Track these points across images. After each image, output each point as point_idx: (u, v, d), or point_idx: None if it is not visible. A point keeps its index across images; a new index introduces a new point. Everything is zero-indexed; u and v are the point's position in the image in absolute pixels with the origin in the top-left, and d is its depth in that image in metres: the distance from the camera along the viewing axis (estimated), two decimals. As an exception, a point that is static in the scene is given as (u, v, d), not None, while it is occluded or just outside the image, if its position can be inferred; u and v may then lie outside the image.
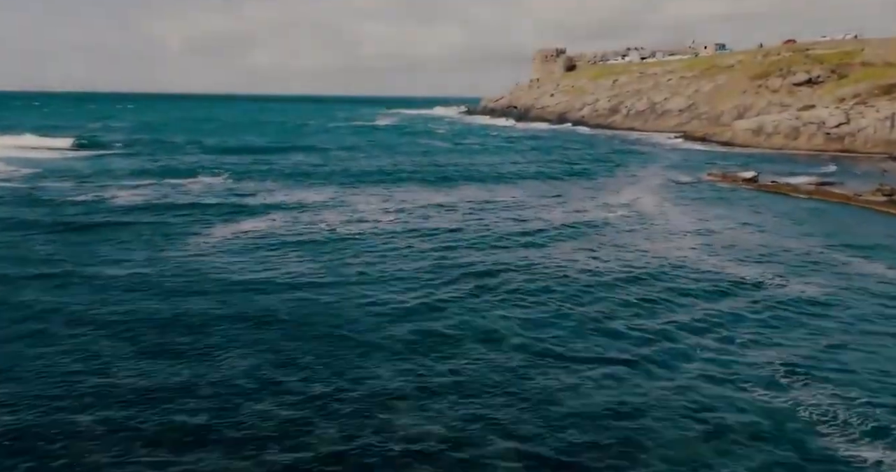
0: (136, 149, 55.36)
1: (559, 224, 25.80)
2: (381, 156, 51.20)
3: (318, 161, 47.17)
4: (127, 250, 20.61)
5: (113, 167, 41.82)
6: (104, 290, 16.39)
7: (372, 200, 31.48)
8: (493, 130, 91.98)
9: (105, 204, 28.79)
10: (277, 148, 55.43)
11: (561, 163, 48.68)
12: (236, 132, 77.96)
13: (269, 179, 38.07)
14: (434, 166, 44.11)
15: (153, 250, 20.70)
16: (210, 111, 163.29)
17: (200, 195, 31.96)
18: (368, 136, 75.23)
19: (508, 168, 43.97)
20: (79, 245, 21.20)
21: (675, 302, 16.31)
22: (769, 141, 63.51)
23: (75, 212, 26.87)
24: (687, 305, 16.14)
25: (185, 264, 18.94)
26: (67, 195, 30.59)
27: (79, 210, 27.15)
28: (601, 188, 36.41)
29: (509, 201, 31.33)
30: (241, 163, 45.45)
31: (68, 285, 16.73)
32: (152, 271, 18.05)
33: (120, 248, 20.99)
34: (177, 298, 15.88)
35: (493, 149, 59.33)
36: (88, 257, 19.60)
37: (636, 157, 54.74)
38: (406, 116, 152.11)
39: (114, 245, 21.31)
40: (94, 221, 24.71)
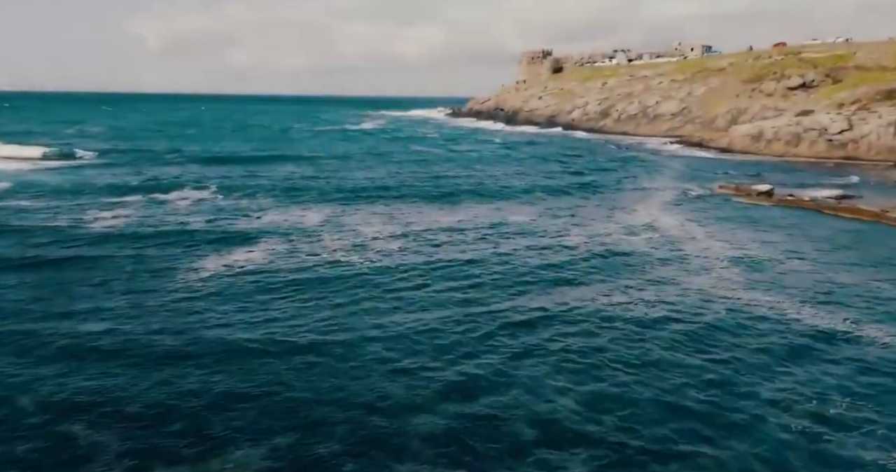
0: (114, 158, 52.13)
1: (584, 253, 23.41)
2: (376, 166, 48.54)
3: (310, 172, 44.38)
4: (106, 295, 17.84)
5: (90, 182, 38.73)
6: (76, 357, 13.67)
7: (373, 221, 28.89)
8: (484, 134, 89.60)
9: (82, 229, 25.88)
10: (265, 157, 52.49)
11: (564, 173, 46.39)
12: (219, 138, 74.69)
13: (259, 195, 35.31)
14: (433, 179, 41.55)
15: (136, 294, 17.96)
16: (190, 113, 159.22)
17: (187, 216, 29.15)
18: (358, 142, 72.39)
19: (512, 181, 41.54)
20: (49, 288, 18.38)
21: (750, 364, 13.95)
22: (769, 147, 61.84)
23: (47, 240, 23.96)
24: (764, 368, 13.79)
25: (174, 315, 16.24)
26: (38, 218, 27.62)
27: (51, 238, 24.23)
28: (615, 204, 34.13)
29: (522, 222, 28.90)
30: (227, 175, 42.55)
31: (31, 351, 13.98)
32: (135, 328, 15.33)
33: (98, 291, 18.21)
34: (165, 368, 13.21)
35: (490, 157, 56.82)
36: (60, 306, 16.83)
37: (639, 165, 52.65)
38: (392, 118, 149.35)
39: (91, 287, 18.52)
40: (67, 255, 21.83)
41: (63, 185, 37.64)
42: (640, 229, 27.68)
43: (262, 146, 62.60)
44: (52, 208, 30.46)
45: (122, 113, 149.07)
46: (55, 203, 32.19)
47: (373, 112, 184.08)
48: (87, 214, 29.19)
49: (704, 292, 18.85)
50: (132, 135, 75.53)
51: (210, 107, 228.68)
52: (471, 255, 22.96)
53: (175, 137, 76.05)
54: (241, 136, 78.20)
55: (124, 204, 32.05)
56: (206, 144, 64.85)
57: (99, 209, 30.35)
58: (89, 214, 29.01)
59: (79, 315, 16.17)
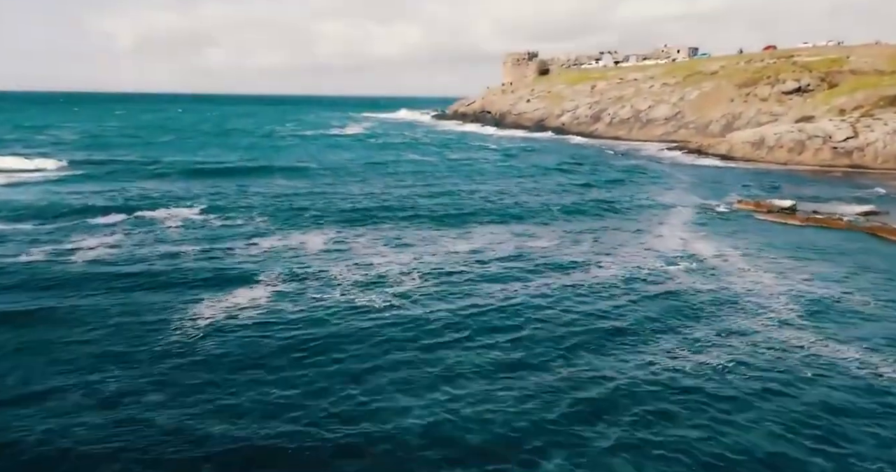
0: (91, 170, 48.61)
1: (628, 291, 20.87)
2: (373, 179, 45.63)
3: (304, 187, 41.38)
4: (91, 364, 14.92)
5: (67, 200, 35.42)
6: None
7: (382, 248, 26.16)
8: (476, 140, 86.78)
9: (60, 265, 22.78)
10: (252, 169, 49.27)
11: (572, 185, 43.91)
12: (200, 145, 71.05)
13: (254, 215, 32.37)
14: (438, 195, 38.79)
15: (121, 361, 15.09)
16: (166, 116, 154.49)
17: (178, 244, 26.17)
18: (349, 150, 69.25)
19: (521, 196, 38.90)
20: (16, 358, 15.41)
21: (870, 456, 11.59)
22: (772, 155, 60.06)
23: (16, 281, 20.88)
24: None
25: (169, 399, 13.38)
26: (8, 250, 24.45)
27: (22, 279, 21.13)
28: (638, 226, 31.69)
29: (546, 250, 26.34)
30: (215, 190, 39.43)
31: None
32: (120, 421, 12.49)
33: (78, 357, 15.28)
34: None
35: (491, 168, 53.84)
36: (29, 384, 13.92)
37: (644, 176, 50.44)
38: (377, 121, 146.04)
39: (69, 352, 15.59)
40: (41, 305, 18.79)
41: (38, 204, 34.35)
42: (675, 258, 25.28)
43: (248, 156, 59.23)
44: (27, 235, 27.34)
45: (95, 116, 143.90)
46: (30, 228, 29.07)
47: (355, 114, 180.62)
48: (67, 242, 26.13)
49: (780, 347, 16.43)
50: (108, 142, 71.49)
51: (186, 108, 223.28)
52: (502, 296, 20.35)
53: (153, 144, 72.24)
54: (222, 142, 74.55)
55: (107, 228, 29.00)
56: (186, 153, 61.36)
57: (80, 235, 27.31)
58: (69, 243, 25.95)
59: (37, 401, 13.28)
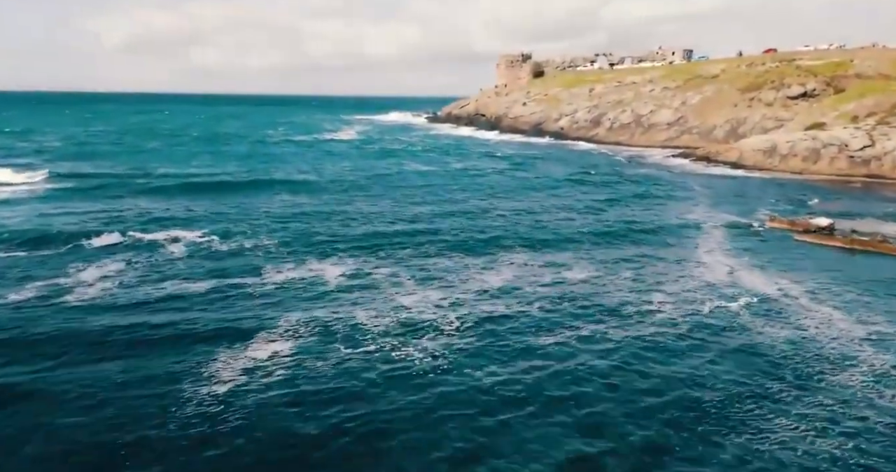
0: (79, 183, 45.53)
1: (700, 345, 18.51)
2: (381, 194, 42.88)
3: (310, 204, 38.65)
4: (91, 462, 12.33)
5: (53, 224, 32.54)
6: None
7: (409, 285, 23.63)
8: (477, 145, 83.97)
9: (50, 317, 20.05)
10: (251, 183, 46.35)
11: (593, 201, 41.34)
12: (191, 153, 67.76)
13: (261, 239, 29.77)
14: (454, 214, 36.15)
15: (130, 455, 12.51)
16: (153, 118, 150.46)
17: (185, 279, 23.56)
18: (347, 158, 66.31)
19: (542, 215, 36.29)
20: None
21: None
22: (785, 163, 58.10)
23: (1, 339, 18.19)
24: None
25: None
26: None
27: (9, 335, 18.43)
28: (675, 252, 29.24)
29: (589, 286, 23.87)
30: (216, 209, 36.65)
31: None
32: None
33: (73, 449, 12.68)
34: None
35: (503, 181, 50.37)
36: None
37: (661, 188, 48.21)
38: (370, 124, 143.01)
39: (61, 441, 12.98)
40: (30, 374, 16.10)
41: (25, 226, 31.51)
42: (731, 294, 22.96)
43: (244, 167, 56.13)
44: (15, 267, 24.68)
45: (80, 118, 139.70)
46: (20, 255, 26.44)
47: (348, 116, 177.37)
48: (62, 276, 23.52)
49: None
50: (94, 150, 67.71)
51: (175, 109, 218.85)
52: (559, 353, 17.84)
53: (141, 151, 68.61)
54: (214, 150, 71.16)
55: (103, 257, 26.34)
56: (178, 163, 58.17)
57: (73, 268, 24.67)
58: (64, 277, 23.33)
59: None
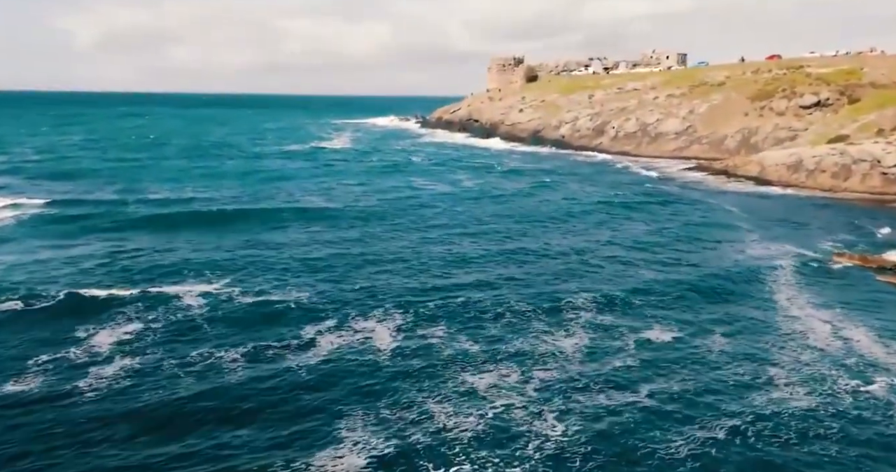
0: (63, 209, 40.74)
1: (860, 465, 14.98)
2: (407, 227, 37.93)
3: (332, 241, 33.93)
4: None
5: (43, 269, 28.17)
6: None
7: (478, 357, 19.86)
8: (481, 156, 78.86)
9: (57, 410, 15.99)
10: (260, 212, 41.18)
11: (639, 234, 37.19)
12: (184, 170, 62.52)
13: (289, 289, 25.93)
14: (500, 256, 31.15)
15: None
16: (133, 123, 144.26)
17: (210, 356, 19.52)
18: (352, 176, 61.04)
19: (595, 256, 31.71)
20: None
21: None
22: (813, 180, 55.06)
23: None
24: None
25: None
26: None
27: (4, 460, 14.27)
28: (756, 303, 25.55)
29: (683, 352, 20.19)
30: (227, 247, 32.26)
31: None
32: None
33: None
34: None
35: (535, 207, 45.02)
36: None
37: (697, 209, 44.76)
38: (360, 130, 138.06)
39: None
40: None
41: (14, 275, 27.13)
42: (852, 365, 19.41)
43: (244, 189, 51.09)
44: (11, 332, 20.81)
45: (58, 125, 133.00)
46: (11, 312, 22.36)
47: (334, 120, 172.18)
48: (69, 344, 19.91)
49: None
50: (78, 168, 61.26)
51: (153, 112, 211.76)
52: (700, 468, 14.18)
53: (128, 167, 63.05)
54: (206, 167, 65.48)
55: (114, 316, 22.58)
56: (170, 183, 53.37)
57: (84, 330, 20.93)
58: (73, 346, 19.86)
59: None
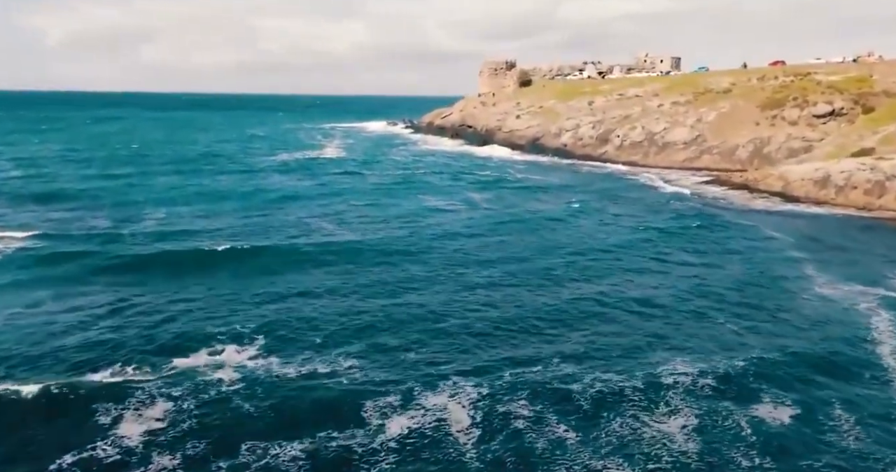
0: (49, 247, 35.69)
1: None
2: (442, 265, 33.20)
3: (364, 290, 28.71)
4: None
5: (46, 331, 23.86)
6: None
7: (574, 449, 16.12)
8: (485, 167, 73.68)
9: None
10: (273, 251, 35.30)
11: (694, 271, 33.79)
12: (176, 189, 57.46)
13: (336, 358, 21.95)
14: (563, 312, 27.00)
15: None
16: (112, 127, 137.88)
17: (261, 446, 15.65)
18: (358, 194, 56.42)
19: (667, 309, 27.47)
20: None
21: None
22: (844, 197, 52.24)
23: None
24: None
25: None
26: None
27: None
28: (871, 389, 22.29)
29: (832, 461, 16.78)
30: (249, 300, 27.70)
31: None
32: None
33: None
34: None
35: (574, 239, 40.18)
36: None
37: (735, 234, 41.55)
38: (351, 136, 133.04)
39: None
40: None
41: (7, 338, 22.84)
42: None
43: (248, 218, 45.01)
44: (25, 422, 16.78)
45: (34, 130, 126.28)
46: (16, 391, 18.27)
47: (323, 124, 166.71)
48: (94, 435, 16.16)
49: None
50: (61, 188, 55.21)
51: (131, 115, 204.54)
52: None
53: (116, 187, 57.21)
54: (198, 184, 60.23)
55: (138, 398, 18.46)
56: (166, 209, 48.07)
57: (105, 414, 17.13)
58: (100, 440, 16.22)
59: None
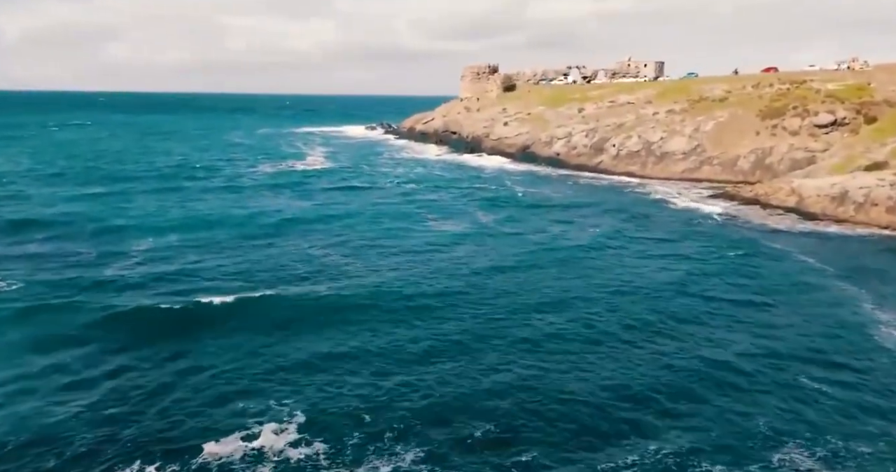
0: (34, 298, 30.73)
1: None
2: (485, 319, 30.10)
3: (416, 358, 24.82)
4: None
5: (47, 417, 19.41)
6: None
7: None
8: (483, 179, 69.80)
9: None
10: (297, 301, 30.67)
11: (754, 316, 31.04)
12: (161, 212, 52.63)
13: (397, 450, 18.06)
14: (668, 399, 24.40)
15: None
16: (81, 136, 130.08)
17: None
18: (354, 220, 52.39)
19: (758, 376, 24.99)
20: None
21: None
22: (865, 214, 49.91)
23: None
24: None
25: None
26: None
27: None
28: None
29: None
30: (266, 366, 23.71)
31: None
32: None
33: None
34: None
35: (608, 273, 36.23)
36: None
37: (769, 261, 38.78)
38: (330, 142, 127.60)
39: None
40: None
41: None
42: None
43: (253, 251, 40.55)
44: None
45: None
46: None
47: (300, 128, 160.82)
48: None
49: None
50: (36, 216, 47.21)
51: (95, 119, 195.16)
52: None
53: (96, 214, 49.43)
54: (182, 208, 54.14)
55: None
56: (154, 238, 42.60)
57: None
58: None
59: None
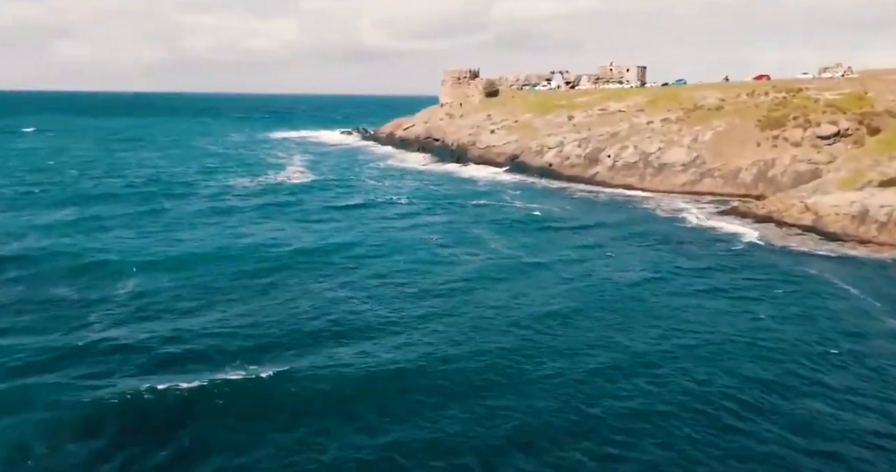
0: (24, 375, 25.63)
1: None
2: (542, 397, 26.72)
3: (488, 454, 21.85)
4: None
5: None
6: None
7: None
8: (479, 194, 65.45)
9: None
10: (332, 381, 26.18)
11: (824, 376, 27.99)
12: (143, 247, 45.86)
13: None
14: None
15: None
16: (42, 144, 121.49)
17: None
18: (373, 262, 48.19)
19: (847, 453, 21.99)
20: None
21: None
22: (888, 234, 47.55)
23: None
24: None
25: None
26: None
27: None
28: None
29: None
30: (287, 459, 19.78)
31: None
32: None
33: None
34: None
35: (656, 325, 31.41)
36: None
37: (813, 297, 35.89)
38: (308, 150, 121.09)
39: None
40: None
41: None
42: None
43: (258, 301, 33.08)
44: None
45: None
46: None
47: (273, 133, 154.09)
48: None
49: None
50: (6, 253, 41.09)
51: (55, 123, 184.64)
52: None
53: (73, 250, 41.69)
54: (168, 237, 48.74)
55: None
56: (142, 278, 36.17)
57: None
58: None
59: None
